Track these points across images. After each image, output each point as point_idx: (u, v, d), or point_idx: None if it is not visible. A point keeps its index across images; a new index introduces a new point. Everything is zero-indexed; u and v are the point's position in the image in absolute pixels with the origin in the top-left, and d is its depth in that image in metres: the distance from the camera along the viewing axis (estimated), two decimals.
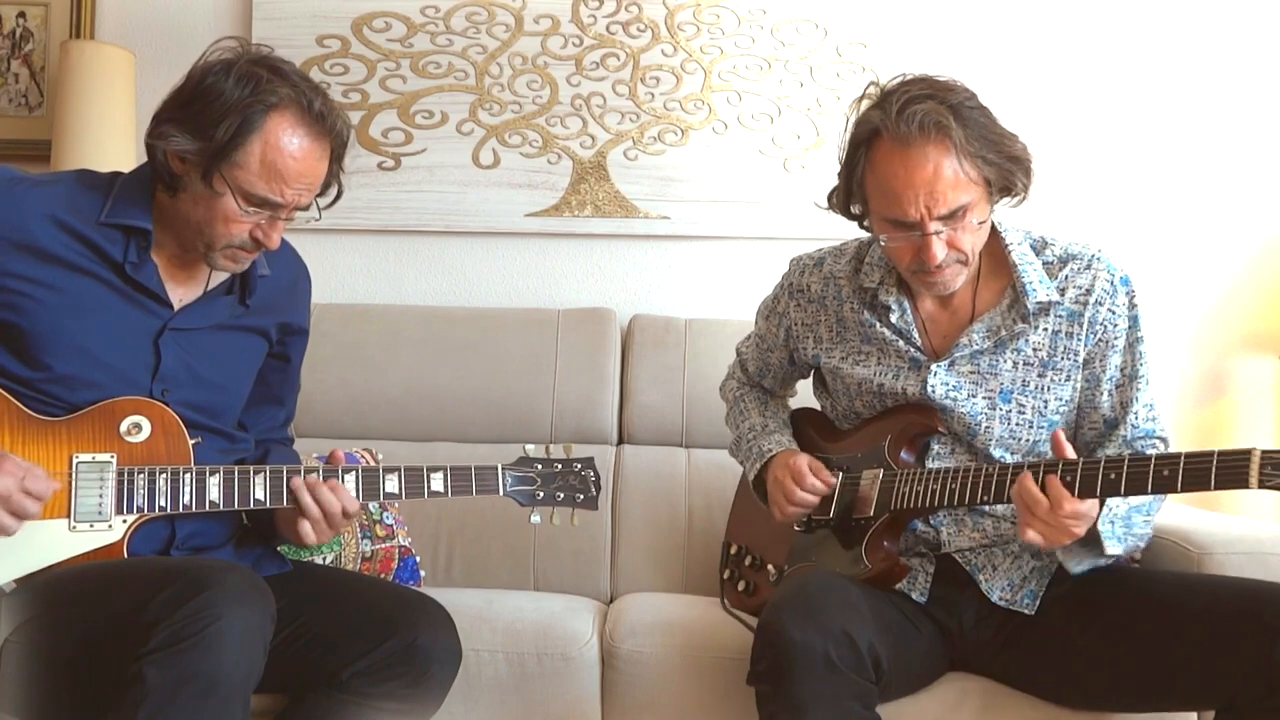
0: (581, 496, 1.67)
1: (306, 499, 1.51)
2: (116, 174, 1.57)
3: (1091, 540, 1.51)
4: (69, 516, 1.45)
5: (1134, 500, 1.55)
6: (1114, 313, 1.64)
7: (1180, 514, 1.92)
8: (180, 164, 1.47)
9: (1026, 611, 1.62)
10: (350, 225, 2.62)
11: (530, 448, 1.68)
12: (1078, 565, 1.56)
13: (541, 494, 1.66)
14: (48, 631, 1.38)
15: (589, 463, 1.69)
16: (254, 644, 1.30)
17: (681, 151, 2.62)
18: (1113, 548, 1.52)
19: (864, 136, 1.58)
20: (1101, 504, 1.49)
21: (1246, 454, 1.32)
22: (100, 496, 1.45)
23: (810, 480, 1.70)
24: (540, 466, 1.66)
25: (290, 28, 2.61)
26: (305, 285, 1.75)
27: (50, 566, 1.43)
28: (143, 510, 1.47)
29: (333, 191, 1.58)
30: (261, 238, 1.50)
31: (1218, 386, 2.61)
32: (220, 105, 1.44)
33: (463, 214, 2.63)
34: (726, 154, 2.62)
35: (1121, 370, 1.66)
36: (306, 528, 1.52)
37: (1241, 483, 1.32)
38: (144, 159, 1.54)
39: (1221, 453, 1.34)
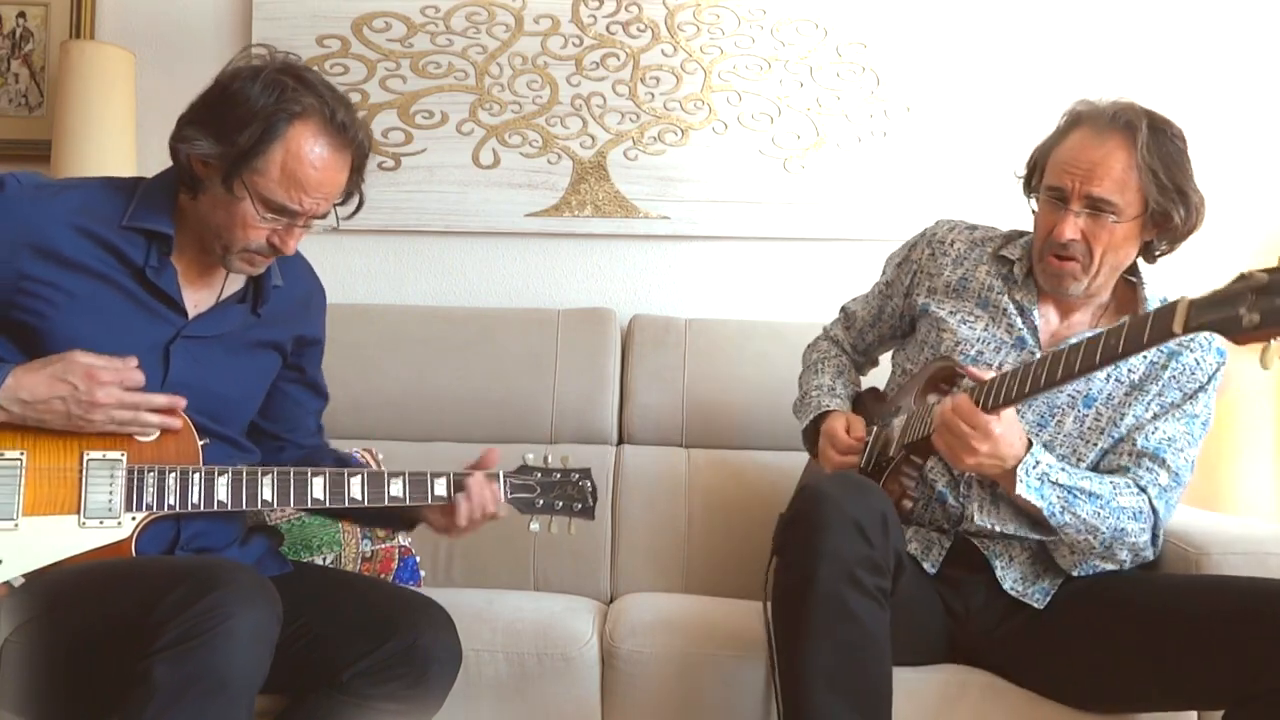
0: (579, 506, 1.70)
1: (463, 505, 1.60)
2: (140, 179, 1.58)
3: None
4: (79, 513, 1.45)
5: (1087, 485, 1.59)
6: (1199, 363, 1.68)
7: (1179, 513, 1.92)
8: (203, 167, 1.48)
9: (1036, 605, 1.64)
10: (350, 225, 2.56)
11: (530, 456, 1.71)
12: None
13: (540, 502, 1.69)
14: (50, 631, 1.38)
15: (586, 474, 1.72)
16: (262, 644, 1.31)
17: (681, 151, 2.62)
18: (1025, 491, 1.55)
19: (1072, 118, 1.70)
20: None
21: (1174, 302, 1.35)
22: (110, 494, 1.46)
23: (845, 440, 1.77)
24: (539, 475, 1.69)
25: (290, 28, 2.60)
26: (319, 300, 1.78)
27: (60, 562, 1.43)
28: (151, 508, 1.47)
29: (354, 201, 1.60)
30: (278, 243, 1.51)
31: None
32: (245, 111, 1.45)
33: (463, 214, 2.63)
34: (726, 154, 2.62)
35: (1171, 405, 1.68)
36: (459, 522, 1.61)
37: (1167, 332, 1.36)
38: (144, 160, 1.54)
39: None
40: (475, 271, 2.66)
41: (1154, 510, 1.64)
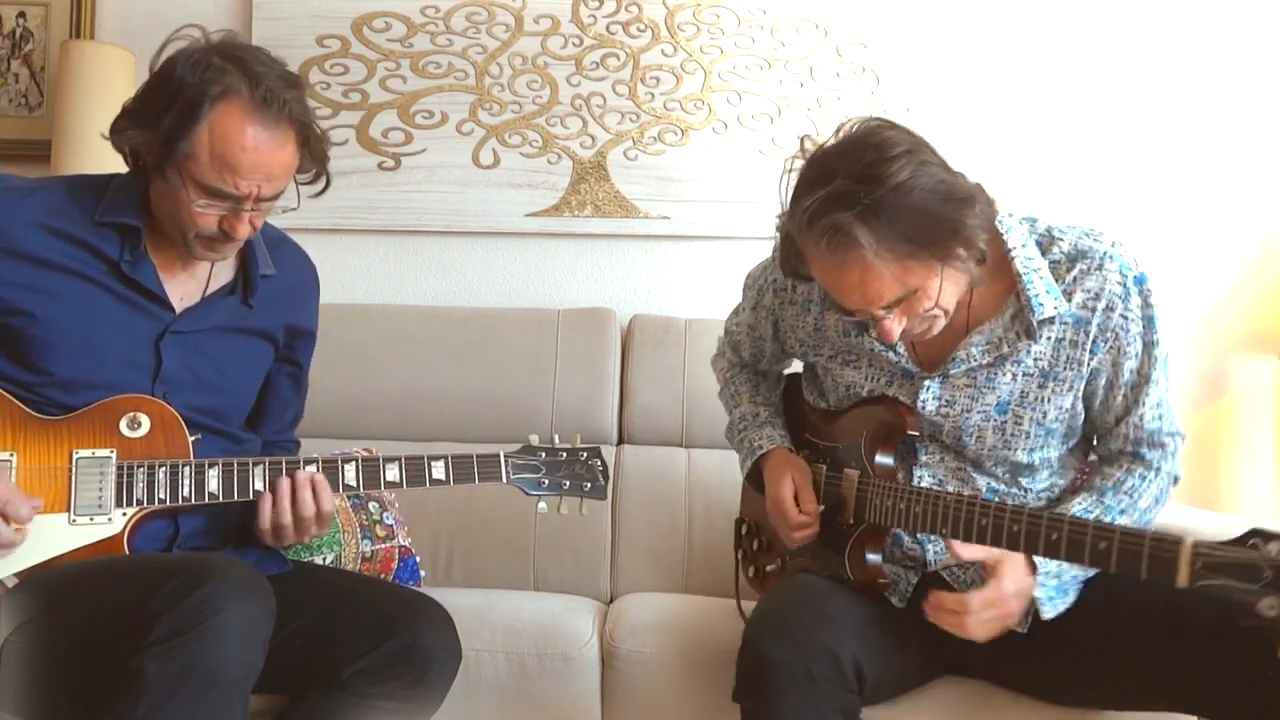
0: (589, 485, 1.65)
1: (266, 506, 1.50)
2: (114, 175, 1.56)
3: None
4: (69, 510, 1.45)
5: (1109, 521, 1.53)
6: (1126, 318, 1.53)
7: (1179, 513, 1.92)
8: (147, 156, 1.47)
9: (1019, 629, 1.54)
10: (350, 225, 2.62)
11: (534, 438, 1.67)
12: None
13: (547, 482, 1.63)
14: (48, 630, 1.38)
15: (595, 452, 1.67)
16: (254, 639, 1.30)
17: (681, 151, 2.62)
18: (1055, 609, 1.50)
19: (781, 234, 1.53)
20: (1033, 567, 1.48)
21: (1176, 543, 1.18)
22: (100, 490, 1.46)
23: (797, 518, 1.66)
24: (545, 455, 1.64)
25: (290, 28, 2.61)
26: (313, 290, 1.75)
27: (52, 560, 1.43)
28: (142, 503, 1.47)
29: (321, 181, 1.55)
30: (228, 229, 1.46)
31: (1218, 386, 2.61)
32: (168, 95, 1.42)
33: (463, 214, 2.63)
34: (726, 154, 2.62)
35: (1137, 372, 1.56)
36: (267, 528, 1.51)
37: (1170, 582, 1.18)
38: None
39: (1154, 536, 1.22)
40: (475, 271, 2.66)
41: (1174, 478, 1.62)
